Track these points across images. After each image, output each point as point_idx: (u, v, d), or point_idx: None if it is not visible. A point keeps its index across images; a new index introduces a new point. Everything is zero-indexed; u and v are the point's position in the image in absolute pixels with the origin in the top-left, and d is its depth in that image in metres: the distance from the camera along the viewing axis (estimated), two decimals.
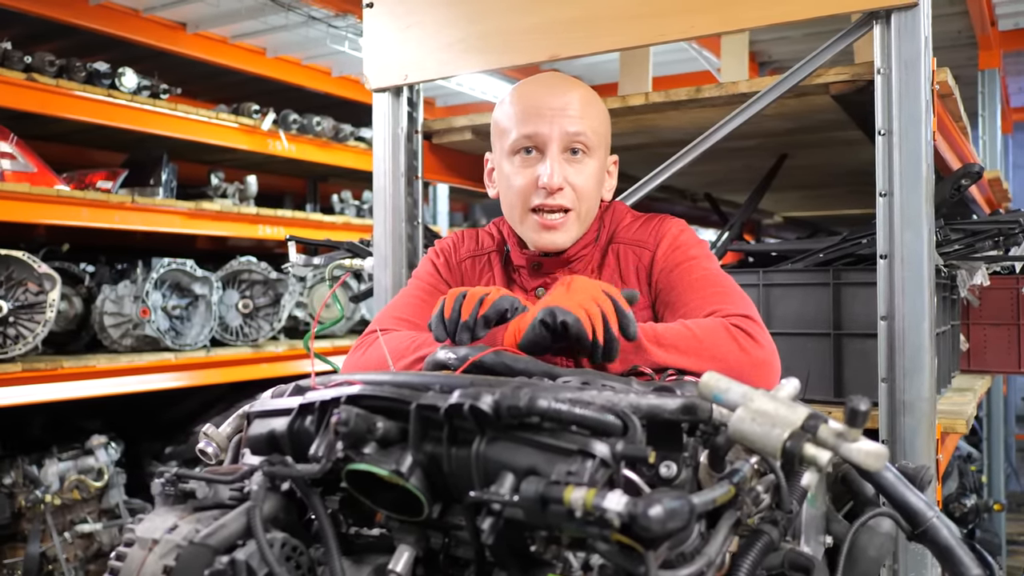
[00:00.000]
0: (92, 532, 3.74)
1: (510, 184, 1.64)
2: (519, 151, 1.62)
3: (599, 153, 1.65)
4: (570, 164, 1.60)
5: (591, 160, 1.63)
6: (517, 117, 1.62)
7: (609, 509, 0.80)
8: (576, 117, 1.59)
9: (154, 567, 1.01)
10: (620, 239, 1.68)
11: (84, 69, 3.75)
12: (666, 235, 1.65)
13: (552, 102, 1.59)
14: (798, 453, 0.89)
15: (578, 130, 1.59)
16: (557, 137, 1.58)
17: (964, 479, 4.39)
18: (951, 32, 4.43)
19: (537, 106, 1.60)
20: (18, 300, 3.37)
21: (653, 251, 1.64)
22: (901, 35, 1.87)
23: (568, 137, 1.59)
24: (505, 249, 1.77)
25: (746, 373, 1.40)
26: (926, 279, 1.85)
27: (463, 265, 1.79)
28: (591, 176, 1.63)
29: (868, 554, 1.19)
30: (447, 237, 1.86)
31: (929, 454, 1.85)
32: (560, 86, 1.64)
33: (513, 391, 0.94)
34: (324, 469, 1.02)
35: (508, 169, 1.65)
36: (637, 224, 1.70)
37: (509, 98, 1.67)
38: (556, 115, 1.58)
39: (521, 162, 1.62)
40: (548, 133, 1.58)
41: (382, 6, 2.55)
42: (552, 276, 1.67)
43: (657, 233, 1.66)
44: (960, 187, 2.39)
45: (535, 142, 1.60)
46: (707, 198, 4.08)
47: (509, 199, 1.67)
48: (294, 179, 5.85)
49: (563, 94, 1.61)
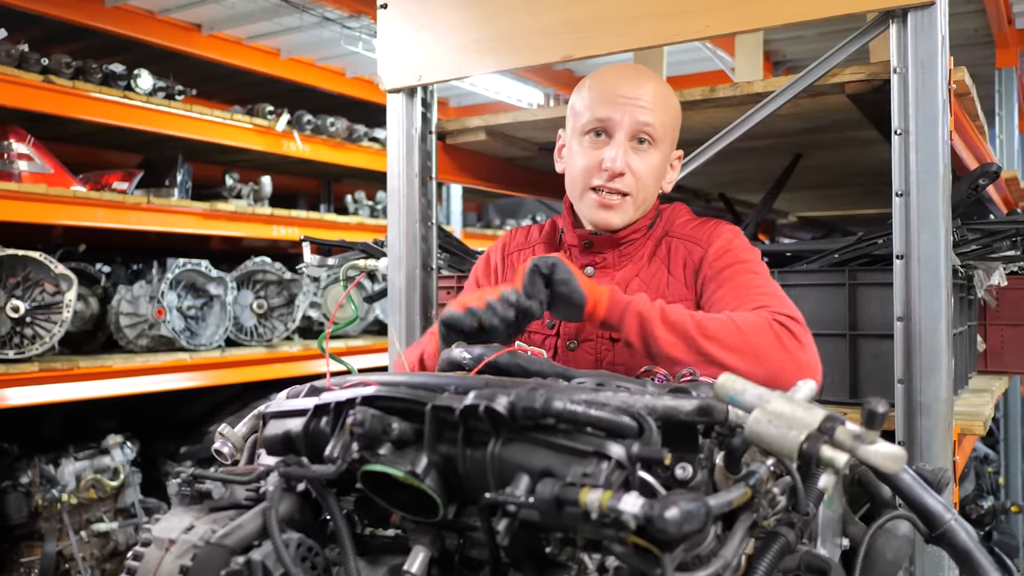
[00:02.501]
0: (108, 531, 3.77)
1: (576, 162, 1.71)
2: (589, 132, 1.69)
3: (664, 145, 1.71)
4: (635, 152, 1.66)
5: (656, 151, 1.69)
6: (592, 101, 1.68)
7: (625, 511, 0.80)
8: (647, 108, 1.65)
9: (171, 567, 1.01)
10: (675, 233, 1.74)
11: (100, 71, 3.78)
12: (720, 236, 1.70)
13: (627, 91, 1.65)
14: (815, 455, 0.88)
15: (647, 120, 1.65)
16: (627, 124, 1.64)
17: (981, 481, 4.36)
18: (968, 30, 4.39)
19: (612, 93, 1.66)
20: (35, 300, 3.39)
21: (705, 249, 1.68)
22: (917, 34, 1.85)
23: (637, 126, 1.65)
24: (558, 235, 1.83)
25: (788, 375, 1.39)
26: (943, 280, 1.84)
27: (510, 259, 1.86)
28: (653, 166, 1.69)
29: (885, 557, 1.18)
30: (500, 237, 1.94)
31: (946, 456, 1.84)
32: (637, 76, 1.70)
33: (528, 392, 0.94)
34: (339, 470, 1.02)
35: (577, 148, 1.71)
36: (694, 223, 1.76)
37: (588, 81, 1.73)
38: (628, 103, 1.64)
39: (590, 143, 1.68)
40: (619, 119, 1.64)
41: (396, 7, 2.55)
42: (602, 255, 1.73)
43: (711, 234, 1.71)
44: (977, 187, 2.37)
45: (605, 126, 1.66)
46: (721, 198, 4.06)
47: (572, 176, 1.73)
48: (308, 180, 5.87)
49: (638, 84, 1.67)
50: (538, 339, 1.73)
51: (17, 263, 3.38)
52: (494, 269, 1.87)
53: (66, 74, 3.65)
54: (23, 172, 3.63)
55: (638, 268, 1.71)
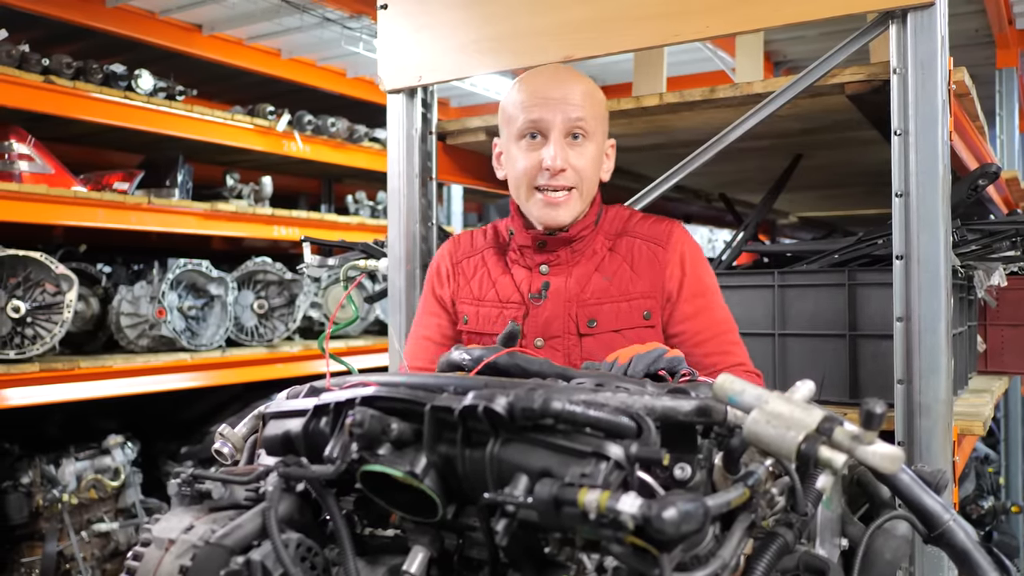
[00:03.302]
0: (109, 531, 3.77)
1: (517, 166, 1.77)
2: (525, 136, 1.75)
3: (597, 137, 1.78)
4: (571, 147, 1.74)
5: (590, 143, 1.76)
6: (523, 105, 1.74)
7: (623, 511, 0.80)
8: (577, 105, 1.72)
9: (170, 567, 1.01)
10: (633, 233, 1.81)
11: (101, 71, 3.78)
12: (682, 244, 1.78)
13: (555, 92, 1.72)
14: (813, 455, 0.88)
15: (578, 116, 1.72)
16: (559, 123, 1.71)
17: (981, 481, 4.36)
18: (968, 31, 4.39)
19: (542, 95, 1.73)
20: (36, 301, 3.39)
21: (667, 251, 1.77)
22: (917, 34, 1.86)
23: (569, 123, 1.72)
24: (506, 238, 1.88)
25: None
26: (943, 280, 1.84)
27: (459, 267, 1.91)
28: (591, 158, 1.76)
29: (884, 557, 1.18)
30: (443, 246, 1.99)
31: (946, 456, 1.84)
32: (563, 77, 1.77)
33: (527, 393, 0.94)
34: (339, 470, 1.02)
35: (515, 152, 1.78)
36: (647, 222, 1.83)
37: (516, 87, 1.80)
38: (558, 103, 1.71)
39: (527, 146, 1.75)
40: (551, 119, 1.71)
41: (396, 7, 2.55)
42: (555, 254, 1.79)
43: (670, 235, 1.79)
44: (977, 187, 2.37)
45: (539, 127, 1.73)
46: (722, 198, 4.06)
47: (516, 179, 1.79)
48: (309, 180, 5.87)
49: (565, 84, 1.74)
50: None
51: (18, 263, 3.38)
52: (447, 277, 1.92)
53: (67, 74, 3.65)
54: (24, 172, 3.63)
55: (595, 264, 1.78)
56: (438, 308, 1.92)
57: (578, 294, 1.75)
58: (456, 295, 1.89)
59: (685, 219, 5.26)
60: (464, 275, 1.89)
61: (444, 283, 1.92)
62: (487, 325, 1.80)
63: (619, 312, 1.73)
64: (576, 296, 1.75)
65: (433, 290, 1.93)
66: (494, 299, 1.81)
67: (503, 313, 1.79)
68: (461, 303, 1.87)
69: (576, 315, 1.74)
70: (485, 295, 1.83)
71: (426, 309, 1.94)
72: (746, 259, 4.05)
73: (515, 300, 1.79)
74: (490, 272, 1.86)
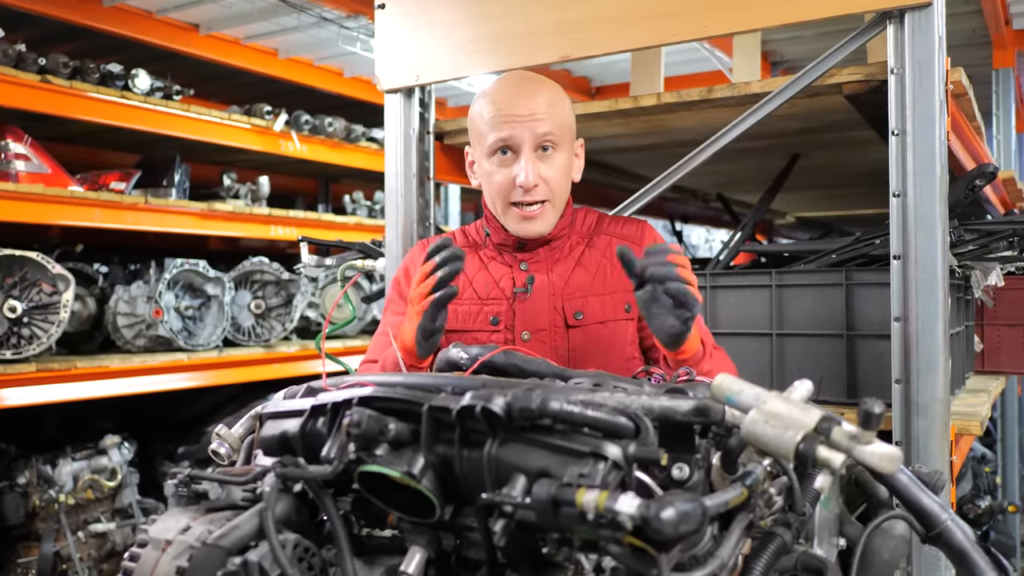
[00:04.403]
0: (105, 531, 3.76)
1: (491, 181, 1.80)
2: (496, 152, 1.78)
3: (566, 145, 1.81)
4: (542, 160, 1.76)
5: (559, 153, 1.78)
6: (491, 123, 1.76)
7: (621, 511, 0.80)
8: (543, 119, 1.74)
9: (167, 568, 1.01)
10: (606, 232, 1.87)
11: (97, 71, 3.77)
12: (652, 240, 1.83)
13: (520, 108, 1.74)
14: (811, 455, 0.88)
15: (546, 130, 1.74)
16: (528, 139, 1.74)
17: (978, 480, 4.37)
18: (965, 31, 4.40)
19: (508, 113, 1.75)
20: (32, 301, 3.39)
21: (640, 246, 1.81)
22: (915, 35, 1.86)
23: (538, 138, 1.74)
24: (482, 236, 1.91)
25: None
26: (940, 280, 1.84)
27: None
28: (562, 167, 1.79)
29: (882, 557, 1.18)
30: (412, 249, 1.99)
31: (943, 456, 1.84)
32: (527, 89, 1.78)
33: (525, 393, 0.94)
34: (336, 471, 1.02)
35: (488, 168, 1.80)
36: (619, 223, 1.90)
37: (483, 101, 1.81)
38: (525, 120, 1.73)
39: (499, 162, 1.78)
40: (520, 135, 1.74)
41: (394, 7, 2.55)
42: (534, 252, 1.83)
43: (642, 234, 1.86)
44: (974, 187, 2.37)
45: (509, 144, 1.76)
46: (719, 198, 4.06)
47: (491, 194, 1.82)
48: (306, 180, 5.87)
49: (530, 99, 1.75)
50: (484, 337, 1.78)
51: (14, 263, 3.37)
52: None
53: (63, 74, 3.64)
54: (20, 172, 3.62)
55: (574, 259, 1.83)
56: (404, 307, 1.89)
57: (562, 288, 1.79)
58: None
59: (683, 219, 5.27)
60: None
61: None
62: (468, 322, 1.81)
63: (604, 304, 1.78)
64: (561, 290, 1.79)
65: (400, 292, 1.90)
66: (472, 297, 1.83)
67: (483, 309, 1.80)
68: None
69: (563, 308, 1.77)
70: (462, 294, 1.82)
71: (393, 310, 1.90)
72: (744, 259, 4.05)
73: (495, 296, 1.81)
74: (465, 270, 1.83)
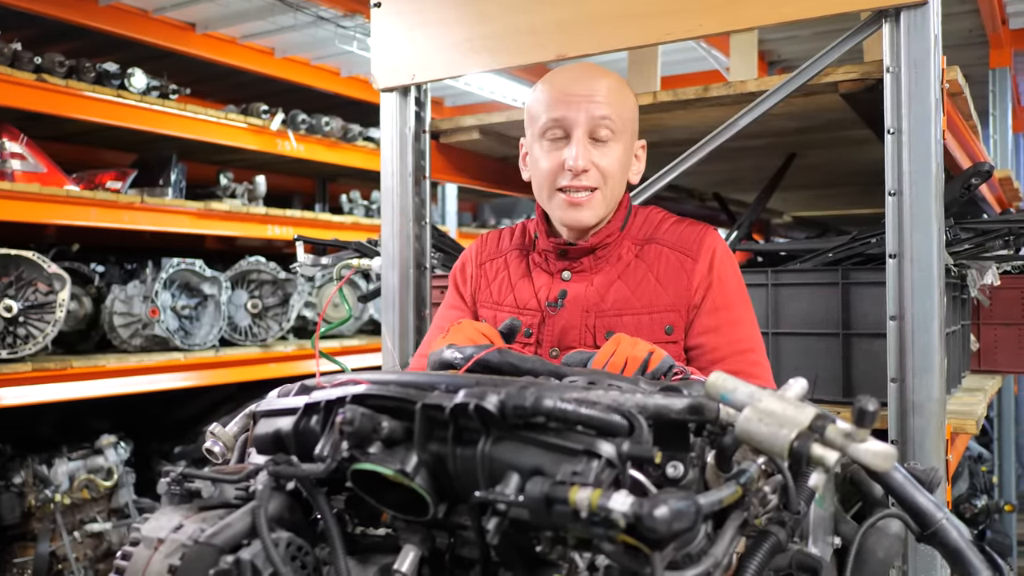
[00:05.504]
0: (101, 531, 3.76)
1: (539, 166, 1.71)
2: (547, 134, 1.68)
3: (625, 137, 1.70)
4: (596, 147, 1.66)
5: (616, 143, 1.68)
6: (546, 103, 1.68)
7: (615, 510, 0.80)
8: (602, 103, 1.64)
9: (159, 566, 1.00)
10: (660, 240, 1.73)
11: (94, 70, 3.77)
12: (712, 253, 1.69)
13: (579, 89, 1.65)
14: (806, 454, 0.88)
15: (604, 114, 1.64)
16: (583, 121, 1.64)
17: (974, 480, 4.36)
18: (961, 30, 4.41)
19: (565, 93, 1.66)
20: (28, 300, 3.38)
21: (696, 261, 1.68)
22: (910, 33, 1.86)
23: (594, 121, 1.64)
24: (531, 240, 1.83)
25: None
26: (936, 279, 1.84)
27: (483, 268, 1.87)
28: (616, 158, 1.68)
29: (876, 555, 1.18)
30: (473, 244, 1.94)
31: (939, 455, 1.84)
32: (589, 74, 1.69)
33: (519, 391, 0.94)
34: (329, 469, 1.01)
35: (538, 152, 1.71)
36: (678, 229, 1.74)
37: (541, 85, 1.73)
38: (583, 101, 1.64)
39: (550, 145, 1.68)
40: (574, 117, 1.64)
41: (390, 6, 2.55)
42: (578, 260, 1.73)
43: (700, 243, 1.70)
44: (970, 186, 2.38)
45: (562, 126, 1.66)
46: (716, 197, 4.07)
47: (539, 180, 1.72)
48: (303, 179, 5.87)
49: (591, 81, 1.67)
50: (516, 349, 1.72)
51: (10, 262, 3.37)
52: (471, 278, 1.88)
53: (59, 73, 3.64)
54: (16, 171, 3.62)
55: (618, 271, 1.71)
56: (460, 302, 1.88)
57: (597, 303, 1.68)
58: (477, 296, 1.85)
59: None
60: (486, 277, 1.85)
61: (467, 282, 1.88)
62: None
63: (640, 325, 1.65)
64: (595, 305, 1.68)
65: (457, 286, 1.90)
66: (512, 304, 1.77)
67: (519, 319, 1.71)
68: (481, 306, 1.84)
69: (594, 325, 1.67)
70: (503, 300, 1.79)
71: (448, 303, 1.90)
72: (740, 258, 4.05)
73: (532, 307, 1.74)
74: (510, 276, 1.81)
